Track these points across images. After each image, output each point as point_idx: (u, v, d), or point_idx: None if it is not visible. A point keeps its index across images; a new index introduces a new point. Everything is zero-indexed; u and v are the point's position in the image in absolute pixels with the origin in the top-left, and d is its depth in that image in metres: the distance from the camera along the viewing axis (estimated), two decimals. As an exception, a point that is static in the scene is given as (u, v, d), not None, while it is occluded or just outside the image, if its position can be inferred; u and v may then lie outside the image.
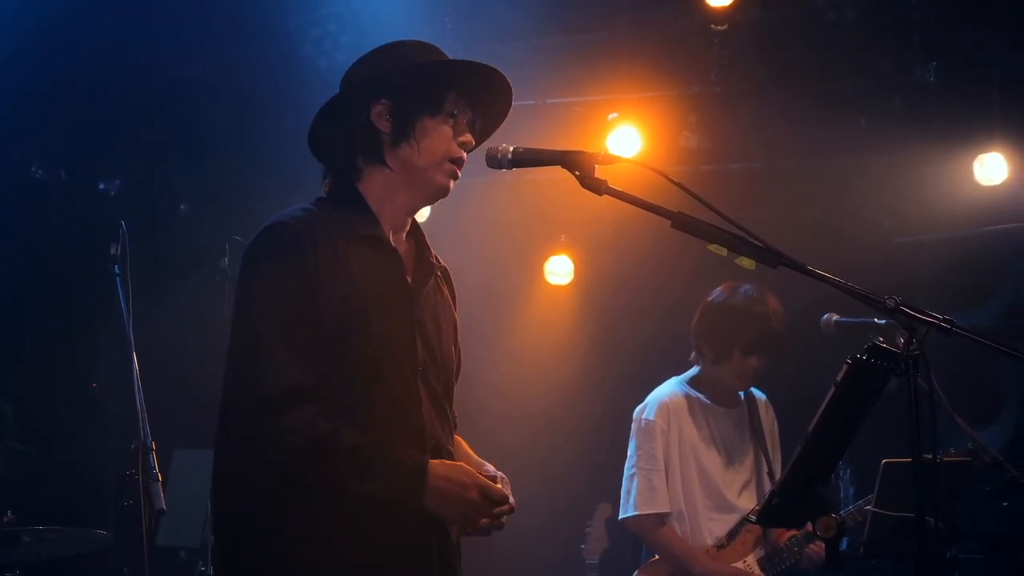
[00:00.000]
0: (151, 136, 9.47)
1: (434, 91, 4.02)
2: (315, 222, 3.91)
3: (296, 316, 3.76)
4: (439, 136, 4.01)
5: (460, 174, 4.07)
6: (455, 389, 4.28)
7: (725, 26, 8.72)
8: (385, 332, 3.88)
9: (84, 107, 8.83)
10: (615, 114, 9.08)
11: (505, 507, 3.90)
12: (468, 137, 4.07)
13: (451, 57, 4.17)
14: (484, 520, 3.86)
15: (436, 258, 4.24)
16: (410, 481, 3.77)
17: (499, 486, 3.92)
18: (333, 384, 3.79)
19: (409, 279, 4.06)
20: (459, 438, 4.31)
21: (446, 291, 4.29)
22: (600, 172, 3.86)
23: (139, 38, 8.67)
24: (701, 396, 6.91)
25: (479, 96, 4.13)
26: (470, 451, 4.36)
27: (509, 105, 4.23)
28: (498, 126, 4.28)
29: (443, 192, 4.07)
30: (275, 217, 3.93)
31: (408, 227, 4.17)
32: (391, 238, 4.06)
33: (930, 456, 3.67)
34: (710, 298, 6.92)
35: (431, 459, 3.85)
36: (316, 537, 3.76)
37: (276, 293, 3.79)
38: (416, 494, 3.77)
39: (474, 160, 4.12)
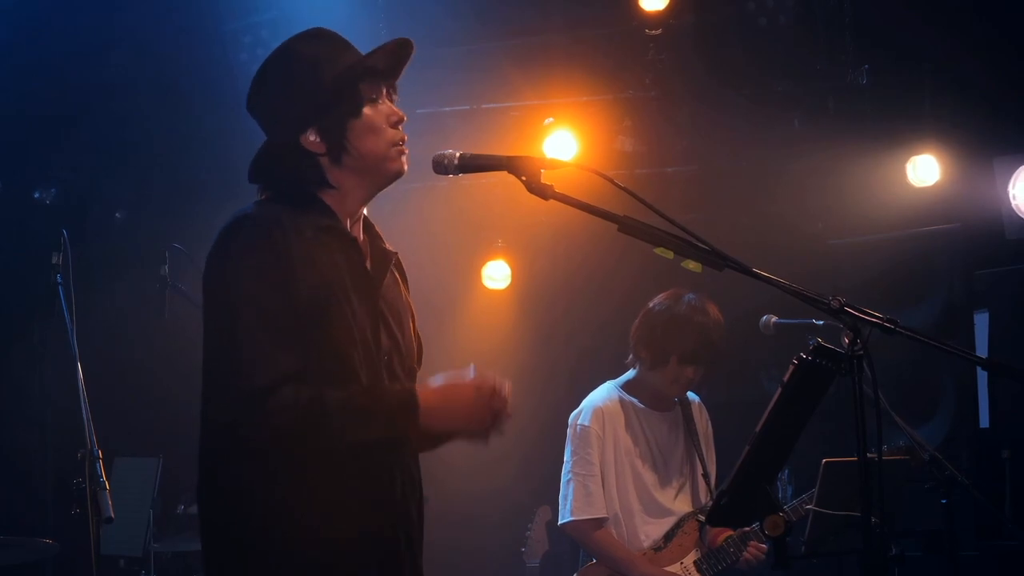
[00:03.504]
0: (86, 144, 9.42)
1: (351, 95, 4.02)
2: (279, 214, 3.90)
3: (276, 305, 3.75)
4: (372, 131, 4.00)
5: (406, 149, 4.06)
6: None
7: (659, 30, 8.77)
8: (350, 322, 3.89)
9: (18, 115, 8.77)
10: (551, 119, 9.09)
11: (503, 386, 3.86)
12: (397, 113, 4.06)
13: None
14: (494, 403, 3.84)
15: (388, 246, 4.24)
16: (406, 411, 3.77)
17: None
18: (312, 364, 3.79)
19: (369, 268, 4.08)
20: None
21: (399, 278, 4.29)
22: (544, 177, 3.88)
23: (70, 45, 8.64)
24: (635, 400, 6.91)
25: (386, 66, 4.12)
26: None
27: (411, 54, 4.17)
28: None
29: (400, 175, 4.07)
30: (237, 212, 3.91)
31: (360, 218, 4.16)
32: (347, 227, 4.06)
33: (873, 454, 3.71)
34: (652, 304, 6.91)
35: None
36: (301, 523, 3.78)
37: (254, 283, 3.77)
38: (414, 421, 3.78)
39: (410, 165, 4.13)
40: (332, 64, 4.04)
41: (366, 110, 4.01)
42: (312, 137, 3.99)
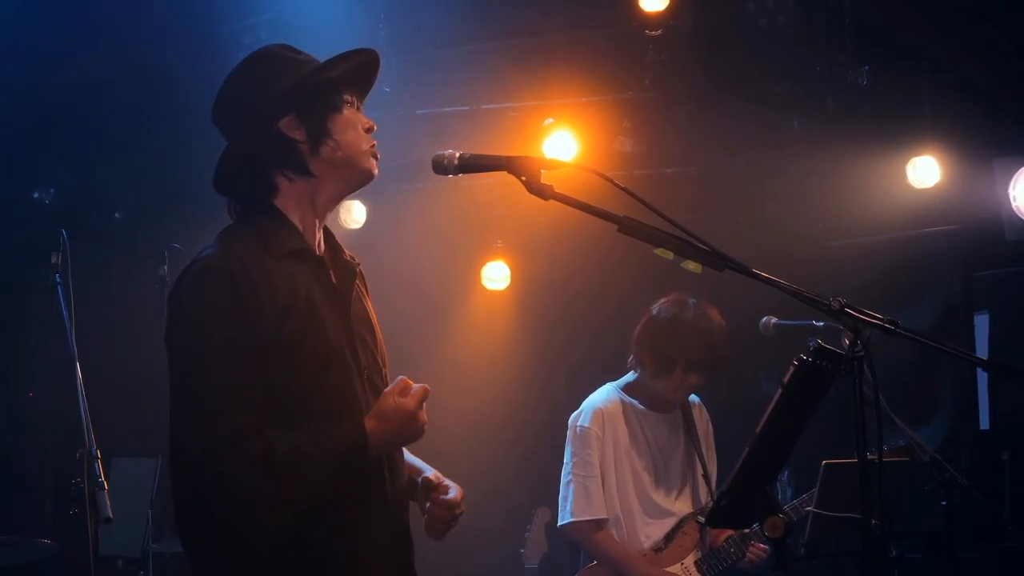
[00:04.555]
0: (85, 145, 9.42)
1: (332, 93, 4.02)
2: (241, 251, 3.86)
3: (232, 356, 3.72)
4: (351, 128, 4.02)
5: (379, 154, 4.08)
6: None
7: (659, 31, 8.77)
8: (326, 342, 3.88)
9: (17, 116, 8.77)
10: (551, 119, 9.09)
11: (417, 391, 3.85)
12: (370, 122, 4.10)
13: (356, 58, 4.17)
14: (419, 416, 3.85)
15: (350, 256, 4.23)
16: (356, 453, 3.77)
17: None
18: (281, 399, 3.77)
19: (335, 282, 4.06)
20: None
21: (362, 287, 4.27)
22: (544, 177, 3.87)
23: (70, 46, 8.64)
24: (636, 402, 6.89)
25: (362, 78, 4.15)
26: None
27: (377, 72, 4.23)
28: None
29: (371, 177, 4.08)
30: (200, 263, 3.85)
31: (323, 227, 4.14)
32: (314, 246, 4.05)
33: (873, 456, 3.71)
34: (655, 311, 6.86)
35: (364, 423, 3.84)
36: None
37: (209, 337, 3.74)
38: (364, 460, 3.79)
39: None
40: (309, 64, 4.06)
41: (345, 110, 4.04)
42: (291, 123, 3.97)
